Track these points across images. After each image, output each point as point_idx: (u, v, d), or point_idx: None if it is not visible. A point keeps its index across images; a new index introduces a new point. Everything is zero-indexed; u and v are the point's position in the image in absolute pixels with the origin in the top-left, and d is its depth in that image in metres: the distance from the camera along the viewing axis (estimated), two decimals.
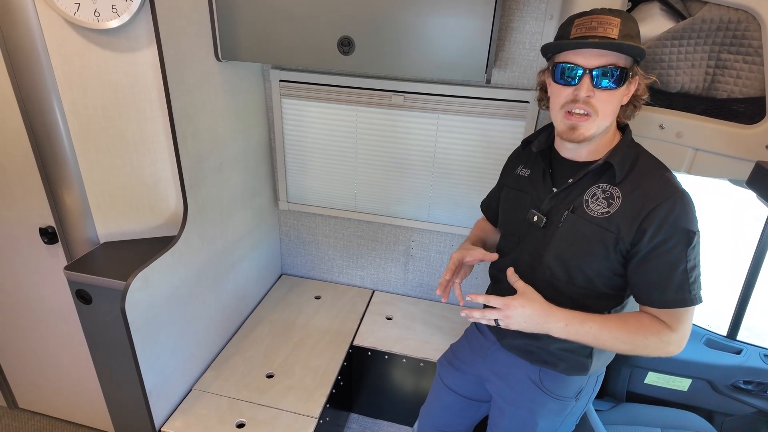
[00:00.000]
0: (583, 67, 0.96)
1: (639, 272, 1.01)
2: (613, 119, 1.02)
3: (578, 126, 0.99)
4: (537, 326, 1.01)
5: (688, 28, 1.15)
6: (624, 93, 0.99)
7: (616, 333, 1.00)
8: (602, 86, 0.96)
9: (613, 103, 0.98)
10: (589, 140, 1.02)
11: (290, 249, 2.43)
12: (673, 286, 0.97)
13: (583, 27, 0.96)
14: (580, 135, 1.00)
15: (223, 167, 1.77)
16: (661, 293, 0.99)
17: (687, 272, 0.97)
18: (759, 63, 1.08)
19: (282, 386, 1.80)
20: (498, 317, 1.01)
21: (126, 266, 1.47)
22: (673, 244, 0.96)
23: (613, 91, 0.96)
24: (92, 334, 1.53)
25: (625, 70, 0.95)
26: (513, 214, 1.20)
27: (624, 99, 1.01)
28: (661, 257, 0.97)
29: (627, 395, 1.97)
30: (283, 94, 2.02)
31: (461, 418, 1.44)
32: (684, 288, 0.97)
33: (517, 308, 1.00)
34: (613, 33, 0.93)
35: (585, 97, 0.96)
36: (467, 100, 1.84)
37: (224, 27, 1.58)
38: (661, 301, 0.99)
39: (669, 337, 0.99)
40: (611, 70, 0.94)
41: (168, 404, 1.66)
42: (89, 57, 1.37)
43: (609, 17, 0.94)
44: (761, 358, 1.85)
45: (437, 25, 1.43)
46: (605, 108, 0.97)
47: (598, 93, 0.96)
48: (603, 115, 0.98)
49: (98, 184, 1.54)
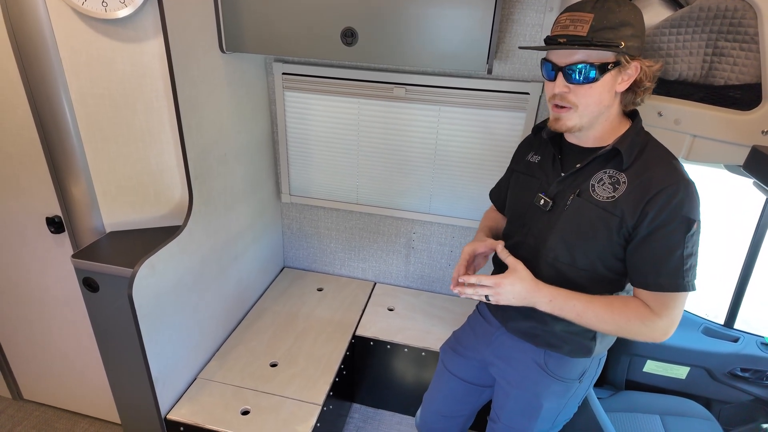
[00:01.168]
0: (557, 64, 1.00)
1: (637, 254, 1.03)
2: (601, 109, 1.03)
3: (560, 117, 1.04)
4: (524, 301, 1.08)
5: (686, 16, 1.17)
6: (611, 83, 1.00)
7: (600, 312, 1.04)
8: (574, 82, 0.99)
9: (592, 96, 1.00)
10: (575, 130, 1.05)
11: (292, 242, 2.45)
12: (667, 270, 1.00)
13: (559, 25, 1.00)
14: (562, 125, 1.05)
15: (227, 159, 1.79)
16: (656, 276, 1.01)
17: (683, 258, 0.99)
18: (755, 50, 1.10)
19: (286, 375, 1.82)
20: (489, 293, 1.08)
21: (132, 255, 1.48)
22: (672, 228, 0.98)
23: (590, 85, 0.98)
24: (99, 322, 1.55)
25: (603, 64, 0.96)
26: (520, 198, 1.22)
27: (620, 87, 1.02)
28: (659, 240, 0.99)
29: (626, 383, 2.00)
30: (286, 87, 2.04)
31: (464, 404, 1.46)
32: (678, 273, 1.00)
33: (506, 286, 1.07)
34: (583, 30, 0.95)
35: (561, 92, 1.01)
36: (468, 92, 1.87)
37: (228, 18, 1.60)
38: (655, 284, 1.02)
39: (654, 322, 1.02)
40: (582, 67, 0.97)
41: (173, 392, 1.68)
42: (97, 47, 1.39)
43: (582, 14, 0.96)
44: (758, 346, 1.88)
45: (439, 16, 1.45)
46: (584, 101, 1.00)
47: (574, 88, 0.99)
48: (584, 107, 1.01)
49: (105, 174, 1.56)
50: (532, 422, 1.24)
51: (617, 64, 0.98)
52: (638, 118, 1.09)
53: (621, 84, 1.01)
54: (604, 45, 0.94)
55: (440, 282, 2.32)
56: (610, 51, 0.95)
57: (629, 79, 1.01)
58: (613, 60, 0.97)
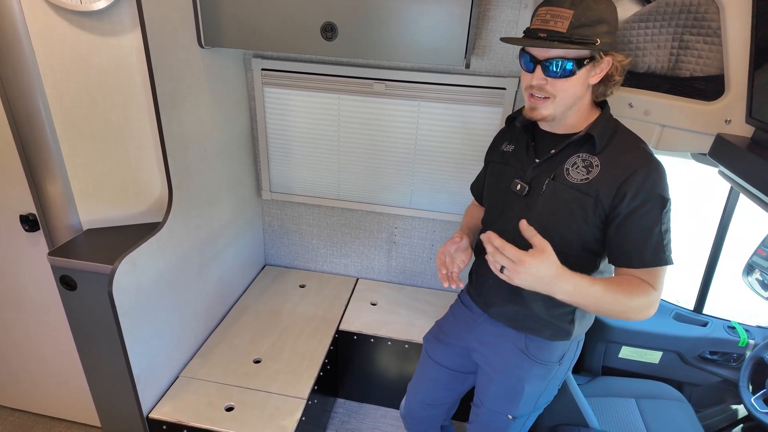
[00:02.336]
0: (535, 57, 1.04)
1: (619, 234, 1.07)
2: (575, 101, 1.08)
3: (537, 107, 1.08)
4: (544, 286, 0.96)
5: (654, 11, 1.23)
6: (585, 77, 1.05)
7: (616, 295, 1.01)
8: (552, 76, 1.03)
9: (569, 89, 1.05)
10: (549, 119, 1.10)
11: (273, 239, 2.44)
12: (650, 247, 1.05)
13: (539, 18, 1.03)
14: (538, 114, 1.09)
15: (207, 155, 1.78)
16: (640, 254, 1.06)
17: (661, 234, 1.05)
18: (718, 43, 1.16)
19: (270, 371, 1.82)
20: (507, 266, 0.94)
21: (111, 251, 1.46)
22: (650, 208, 1.03)
23: (567, 79, 1.03)
24: (77, 321, 1.52)
25: (579, 59, 1.01)
26: (497, 186, 1.26)
27: (592, 79, 1.07)
28: (639, 220, 1.04)
29: (603, 369, 2.07)
30: (265, 83, 2.03)
31: (448, 391, 1.49)
32: (659, 248, 1.05)
33: (531, 266, 0.92)
34: (563, 26, 0.98)
35: (539, 84, 1.05)
36: (447, 88, 1.90)
37: (207, 12, 1.59)
38: (640, 261, 1.06)
39: (653, 296, 1.05)
40: (560, 62, 1.01)
41: (155, 390, 1.66)
42: (72, 40, 1.37)
43: (562, 10, 0.99)
44: (725, 329, 1.97)
45: (418, 12, 1.48)
46: (561, 93, 1.05)
47: (552, 80, 1.03)
48: (560, 98, 1.06)
49: (81, 170, 1.53)
50: (514, 405, 1.28)
51: (592, 59, 1.03)
52: (607, 106, 1.15)
53: (594, 77, 1.06)
54: (582, 42, 0.98)
55: (422, 276, 2.34)
56: (587, 48, 0.99)
57: (601, 72, 1.06)
58: (589, 56, 1.02)
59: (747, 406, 1.63)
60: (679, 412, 1.82)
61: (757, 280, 2.21)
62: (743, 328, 1.96)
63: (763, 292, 2.16)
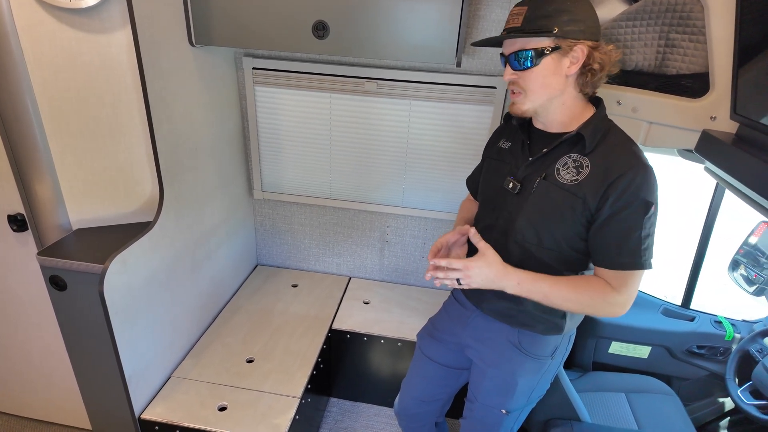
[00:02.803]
0: (503, 54, 1.12)
1: (598, 235, 1.09)
2: (551, 93, 1.09)
3: (515, 101, 1.14)
4: (492, 284, 1.12)
5: (641, 9, 1.25)
6: (553, 67, 1.06)
7: (565, 292, 1.10)
8: (516, 68, 1.09)
9: (536, 81, 1.07)
10: (529, 114, 1.14)
11: (265, 239, 2.43)
12: (627, 250, 1.06)
13: (507, 21, 1.11)
14: (517, 109, 1.14)
15: (198, 154, 1.77)
16: (617, 256, 1.07)
17: (641, 239, 1.06)
18: (703, 41, 1.19)
19: (263, 370, 1.81)
20: (459, 276, 1.11)
21: (102, 251, 1.45)
22: (632, 211, 1.05)
23: (531, 70, 1.07)
24: (67, 322, 1.51)
25: (538, 50, 1.04)
26: (491, 183, 1.27)
27: (568, 70, 1.06)
28: (620, 222, 1.06)
29: (593, 365, 2.09)
30: (257, 82, 2.03)
31: (442, 387, 1.50)
32: (637, 253, 1.06)
33: (475, 269, 1.10)
34: (518, 22, 1.06)
35: (510, 78, 1.11)
36: (438, 86, 1.91)
37: (198, 11, 1.59)
38: (617, 263, 1.08)
39: (613, 298, 1.09)
40: (520, 54, 1.06)
41: (147, 391, 1.64)
42: (61, 37, 1.36)
43: (519, 8, 1.07)
44: (712, 324, 2.01)
45: (410, 10, 1.49)
46: (530, 85, 1.09)
47: (520, 73, 1.09)
48: (531, 91, 1.09)
49: (71, 169, 1.52)
50: (508, 399, 1.29)
51: (556, 49, 1.04)
52: (602, 105, 1.15)
53: (570, 68, 1.07)
54: (534, 31, 1.03)
55: (414, 274, 2.35)
56: (542, 36, 1.03)
57: (577, 62, 1.06)
58: (550, 45, 1.04)
59: (734, 398, 1.67)
60: (668, 406, 1.85)
61: (742, 275, 2.26)
62: (729, 322, 2.00)
63: (747, 287, 2.21)
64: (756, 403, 1.62)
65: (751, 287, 2.20)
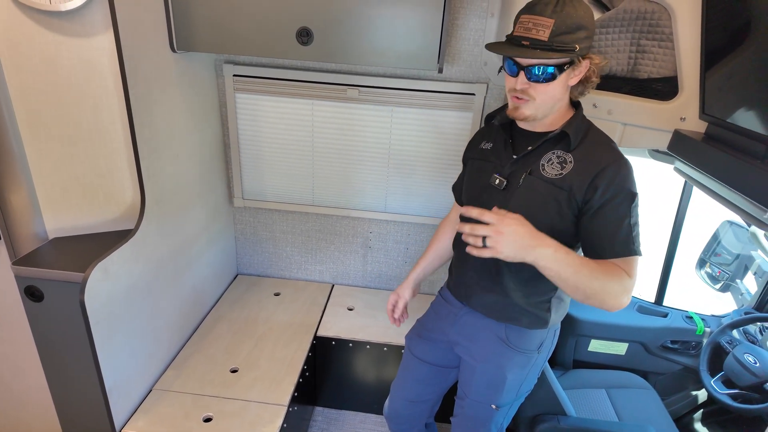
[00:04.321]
0: (519, 63, 1.09)
1: (591, 225, 1.13)
2: (555, 102, 1.15)
3: (519, 106, 1.14)
4: (527, 248, 0.99)
5: (613, 17, 1.32)
6: (565, 80, 1.11)
7: (594, 271, 1.05)
8: (534, 81, 1.09)
9: (548, 93, 1.11)
10: (531, 119, 1.16)
11: (246, 247, 2.40)
12: (620, 238, 1.11)
13: (521, 26, 1.08)
14: (521, 114, 1.15)
15: (180, 160, 1.75)
16: (611, 245, 1.12)
17: (631, 226, 1.11)
18: (671, 47, 1.27)
19: (248, 379, 1.78)
20: (489, 233, 0.98)
21: (80, 260, 1.41)
22: (620, 201, 1.10)
23: (548, 83, 1.09)
24: (43, 334, 1.45)
25: (560, 66, 1.07)
26: (476, 181, 1.30)
27: (571, 81, 1.13)
28: (610, 212, 1.11)
29: (574, 363, 2.14)
30: (237, 89, 2.02)
31: (432, 387, 1.51)
32: (629, 240, 1.11)
33: (510, 225, 0.99)
34: (544, 35, 1.03)
35: (522, 88, 1.11)
36: (419, 93, 1.95)
37: (179, 16, 1.58)
38: (611, 251, 1.12)
39: (627, 283, 1.10)
40: (542, 69, 1.08)
41: (128, 404, 1.59)
42: (40, 41, 1.33)
43: (543, 19, 1.03)
44: (684, 319, 2.10)
45: (392, 17, 1.53)
46: (542, 96, 1.11)
47: (534, 84, 1.09)
48: (541, 100, 1.12)
49: (48, 176, 1.47)
50: (498, 394, 1.31)
51: (571, 63, 1.09)
52: (581, 106, 1.21)
53: (573, 79, 1.12)
54: (562, 50, 1.04)
55: (397, 280, 2.37)
56: (567, 55, 1.05)
57: (580, 74, 1.12)
58: (569, 61, 1.08)
59: (708, 388, 1.74)
60: (647, 400, 1.91)
61: (707, 273, 2.38)
62: (699, 317, 2.09)
63: (713, 285, 2.32)
64: (729, 392, 1.69)
65: (716, 284, 2.31)
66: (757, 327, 1.89)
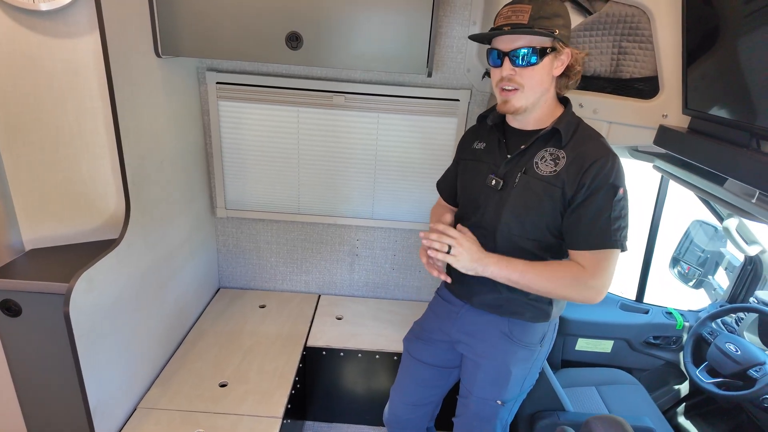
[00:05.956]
0: (502, 50, 1.14)
1: (571, 218, 1.17)
2: (543, 91, 1.18)
3: (509, 99, 1.16)
4: (477, 261, 1.15)
5: (596, 21, 1.39)
6: (549, 67, 1.15)
7: (540, 270, 1.16)
8: (519, 65, 1.12)
9: (535, 77, 1.14)
10: (521, 112, 1.19)
11: (228, 260, 2.34)
12: (597, 230, 1.14)
13: (501, 17, 1.15)
14: (511, 107, 1.17)
15: (164, 167, 1.70)
16: (587, 236, 1.15)
17: (610, 219, 1.14)
18: (651, 49, 1.33)
19: (238, 392, 1.71)
20: (454, 244, 1.14)
21: (60, 272, 1.34)
22: (602, 195, 1.13)
23: (533, 67, 1.12)
24: (18, 352, 1.36)
25: (542, 48, 1.11)
26: (472, 182, 1.32)
27: (556, 71, 1.17)
28: (590, 205, 1.14)
29: (562, 363, 2.17)
30: (220, 96, 2.00)
31: (433, 388, 1.49)
32: (606, 233, 1.14)
33: (469, 241, 1.16)
34: (524, 18, 1.09)
35: (508, 75, 1.13)
36: (404, 100, 1.98)
37: (165, 20, 1.55)
38: (586, 242, 1.15)
39: (587, 281, 1.14)
40: (525, 52, 1.11)
41: (113, 424, 1.50)
42: (21, 41, 1.28)
43: (521, 5, 1.10)
44: (664, 315, 2.17)
45: (382, 23, 1.55)
46: (529, 82, 1.14)
47: (519, 70, 1.12)
48: (529, 87, 1.15)
49: (26, 183, 1.40)
50: (503, 389, 1.31)
51: (554, 50, 1.13)
52: (570, 103, 1.26)
53: (557, 69, 1.16)
54: (543, 31, 1.09)
55: (385, 288, 2.35)
56: (548, 36, 1.10)
57: (563, 64, 1.16)
58: (550, 45, 1.12)
59: (694, 378, 1.79)
60: (635, 395, 1.96)
61: (679, 271, 2.48)
62: (678, 312, 2.17)
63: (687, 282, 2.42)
64: (713, 380, 1.75)
65: (690, 281, 2.41)
66: (733, 318, 1.98)
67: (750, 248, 1.95)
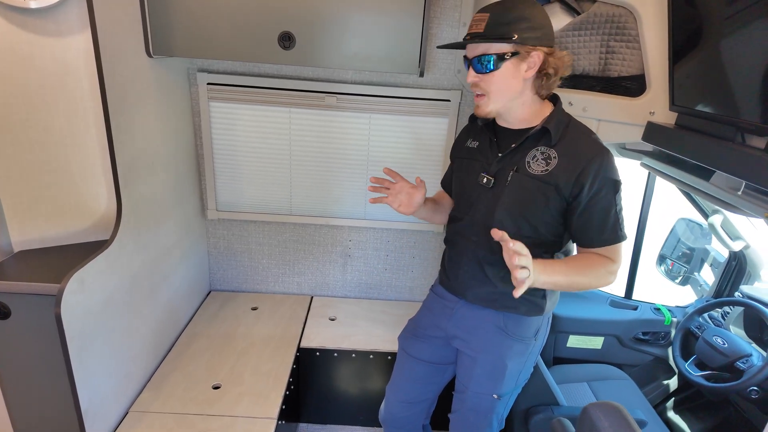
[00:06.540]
0: (467, 58, 1.18)
1: (581, 220, 1.19)
2: (512, 95, 1.18)
3: (478, 104, 1.21)
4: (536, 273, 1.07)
5: (584, 21, 1.42)
6: (513, 71, 1.15)
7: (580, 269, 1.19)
8: (479, 71, 1.16)
9: (496, 83, 1.16)
10: (492, 115, 1.22)
11: (219, 262, 2.32)
12: (608, 227, 1.18)
13: (468, 26, 1.19)
14: (481, 111, 1.21)
15: (155, 168, 1.68)
16: (600, 234, 1.19)
17: (617, 214, 1.19)
18: (638, 48, 1.37)
19: (233, 394, 1.70)
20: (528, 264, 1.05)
21: (51, 273, 1.32)
22: (605, 192, 1.17)
23: (493, 74, 1.14)
24: (7, 354, 1.33)
25: (499, 55, 1.13)
26: (465, 180, 1.34)
27: (526, 74, 1.16)
28: (598, 204, 1.17)
29: (554, 360, 2.20)
30: (211, 97, 1.99)
31: (429, 385, 1.50)
32: (616, 227, 1.19)
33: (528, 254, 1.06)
34: (481, 27, 1.13)
35: (473, 81, 1.18)
36: (396, 100, 2.00)
37: (157, 20, 1.54)
38: (600, 240, 1.19)
39: (613, 266, 1.20)
40: (483, 58, 1.14)
41: (104, 428, 1.47)
42: (11, 39, 1.26)
43: (481, 14, 1.14)
44: (652, 311, 2.21)
45: (375, 23, 1.56)
46: (493, 87, 1.16)
47: (482, 76, 1.16)
48: (494, 92, 1.17)
49: (14, 183, 1.38)
50: (499, 383, 1.32)
51: (515, 54, 1.13)
52: (559, 101, 1.28)
53: (527, 72, 1.16)
54: (496, 37, 1.11)
55: (378, 288, 2.35)
56: (503, 42, 1.12)
57: (534, 66, 1.16)
58: (510, 50, 1.13)
59: (683, 371, 1.82)
60: (627, 390, 1.98)
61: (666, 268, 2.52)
62: (666, 308, 2.21)
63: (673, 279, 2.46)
64: (702, 373, 1.78)
65: (676, 279, 2.46)
66: (720, 312, 2.02)
67: (734, 244, 2.00)
